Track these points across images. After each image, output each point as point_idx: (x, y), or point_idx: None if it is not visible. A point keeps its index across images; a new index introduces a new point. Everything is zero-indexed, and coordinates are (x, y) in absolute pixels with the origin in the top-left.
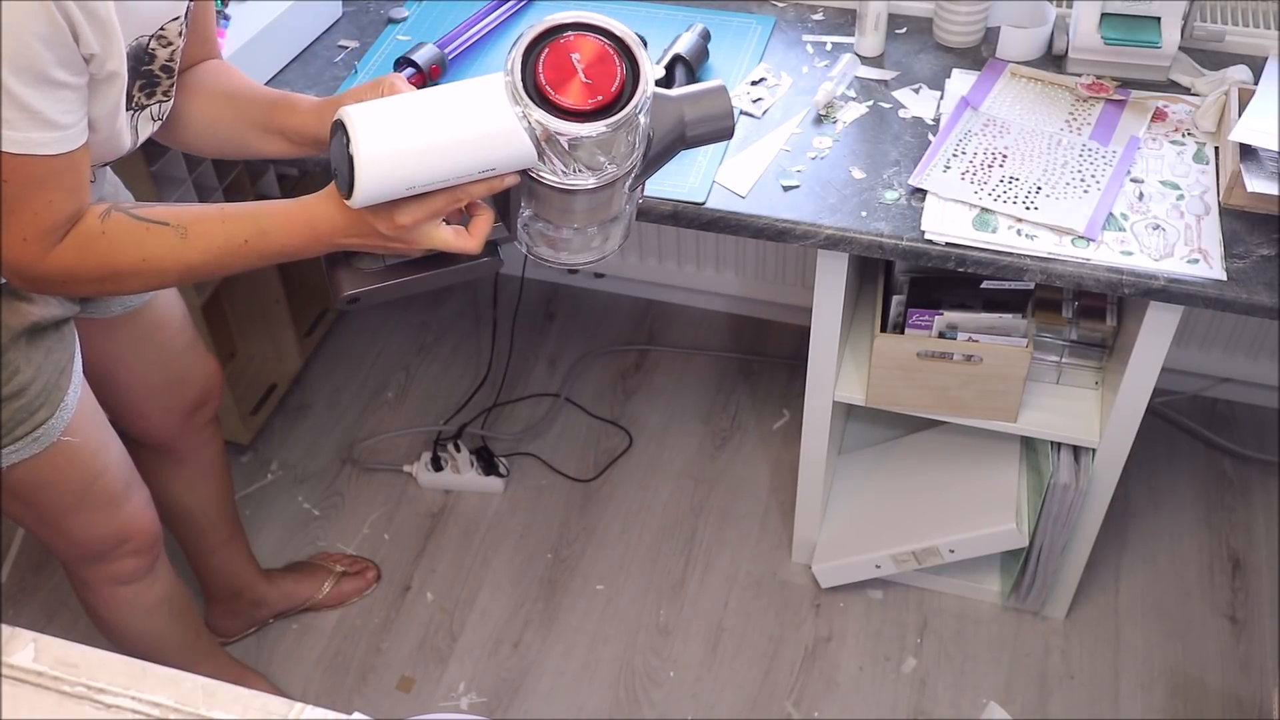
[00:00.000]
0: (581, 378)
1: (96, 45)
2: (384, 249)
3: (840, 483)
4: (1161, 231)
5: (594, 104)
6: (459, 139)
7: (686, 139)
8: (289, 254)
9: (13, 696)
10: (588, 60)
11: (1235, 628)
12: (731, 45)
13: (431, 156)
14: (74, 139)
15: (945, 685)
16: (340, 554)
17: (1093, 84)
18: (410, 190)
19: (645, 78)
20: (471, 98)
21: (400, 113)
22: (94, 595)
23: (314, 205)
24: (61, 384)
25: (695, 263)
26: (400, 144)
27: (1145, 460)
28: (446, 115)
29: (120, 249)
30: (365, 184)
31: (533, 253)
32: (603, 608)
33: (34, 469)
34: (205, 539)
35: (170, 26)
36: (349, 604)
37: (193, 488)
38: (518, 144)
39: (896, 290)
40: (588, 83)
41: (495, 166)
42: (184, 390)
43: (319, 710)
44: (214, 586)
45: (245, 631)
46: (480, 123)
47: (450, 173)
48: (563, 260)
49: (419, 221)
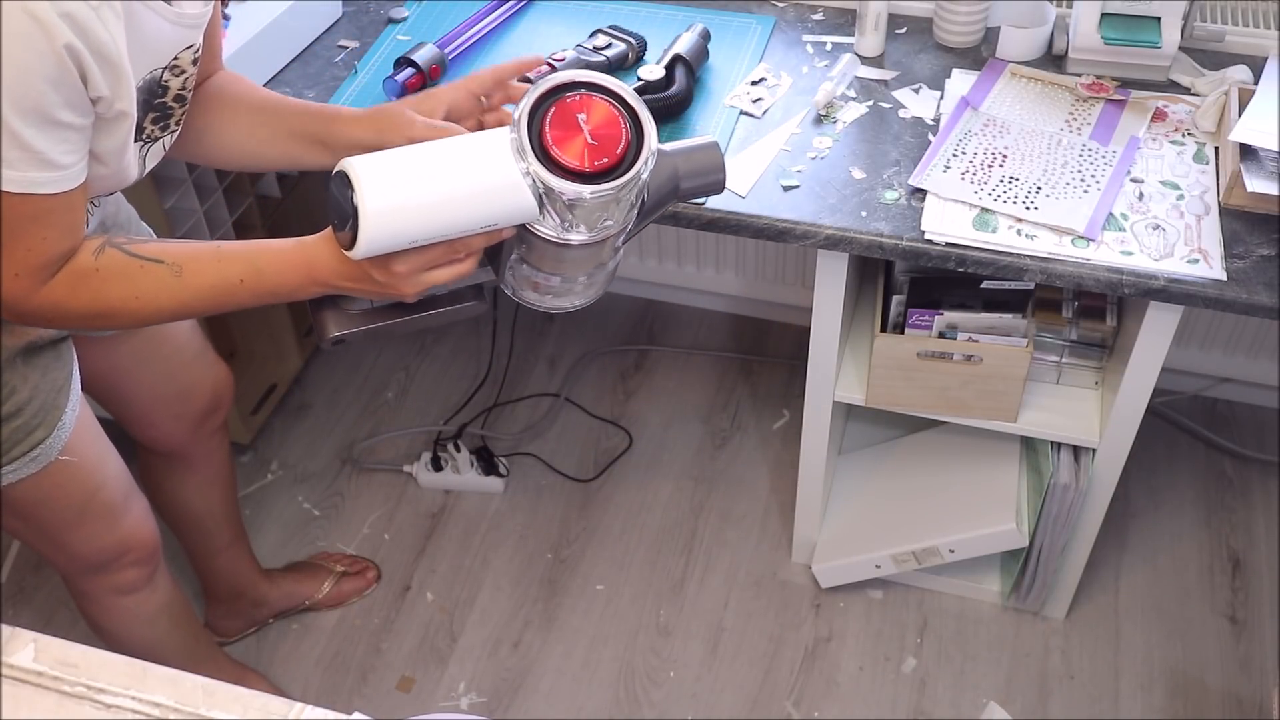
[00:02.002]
0: (581, 378)
1: (106, 88)
2: (377, 295)
3: (840, 483)
4: (1161, 231)
5: (599, 165)
6: (464, 194)
7: (680, 192)
8: (283, 294)
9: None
10: (594, 122)
11: (1235, 628)
12: (731, 45)
13: (436, 212)
14: (73, 179)
15: (945, 685)
16: (340, 554)
17: (1093, 84)
18: (412, 243)
19: (649, 141)
20: (477, 153)
21: (406, 166)
22: (95, 606)
23: (312, 247)
24: (59, 403)
25: (695, 263)
26: (405, 198)
27: (1145, 460)
28: (452, 170)
29: (113, 286)
30: (369, 238)
31: (517, 296)
32: (603, 608)
33: (32, 487)
34: (211, 541)
35: (184, 56)
36: (348, 604)
37: (202, 492)
38: (521, 200)
39: (896, 290)
40: (593, 144)
41: (497, 221)
42: (193, 399)
43: (319, 710)
44: (216, 587)
45: (245, 631)
46: (485, 179)
47: (453, 227)
48: (547, 305)
49: (414, 270)
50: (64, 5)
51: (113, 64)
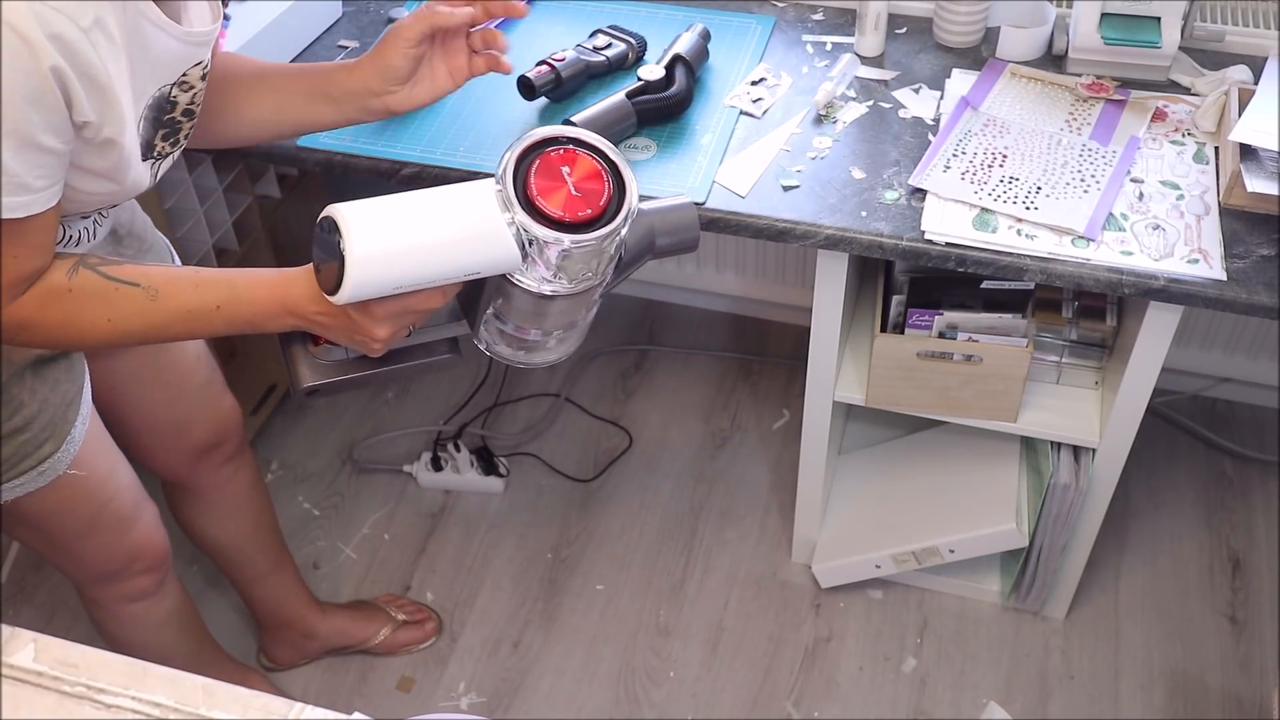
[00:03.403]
0: (581, 378)
1: (92, 113)
2: (348, 333)
3: (840, 483)
4: (1161, 231)
5: (582, 217)
6: (449, 242)
7: (655, 249)
8: (258, 322)
9: (13, 696)
10: (578, 174)
11: (1235, 628)
12: (731, 45)
13: (421, 259)
14: (45, 201)
15: (945, 685)
16: (406, 600)
17: (1093, 84)
18: (397, 290)
19: (631, 193)
20: (462, 202)
21: (392, 214)
22: (105, 613)
23: (291, 278)
24: (69, 416)
25: (695, 263)
26: (391, 245)
27: (1145, 460)
28: (437, 219)
29: (85, 307)
30: (355, 283)
31: (491, 351)
32: (603, 608)
33: (43, 499)
34: (242, 571)
35: (192, 73)
36: (403, 654)
37: (220, 524)
38: (505, 249)
39: (896, 290)
40: (577, 195)
41: (480, 270)
42: (191, 431)
43: (319, 710)
44: (261, 615)
45: (297, 663)
46: (471, 227)
47: (437, 275)
48: (520, 360)
49: (391, 313)
50: (54, 27)
51: (101, 89)
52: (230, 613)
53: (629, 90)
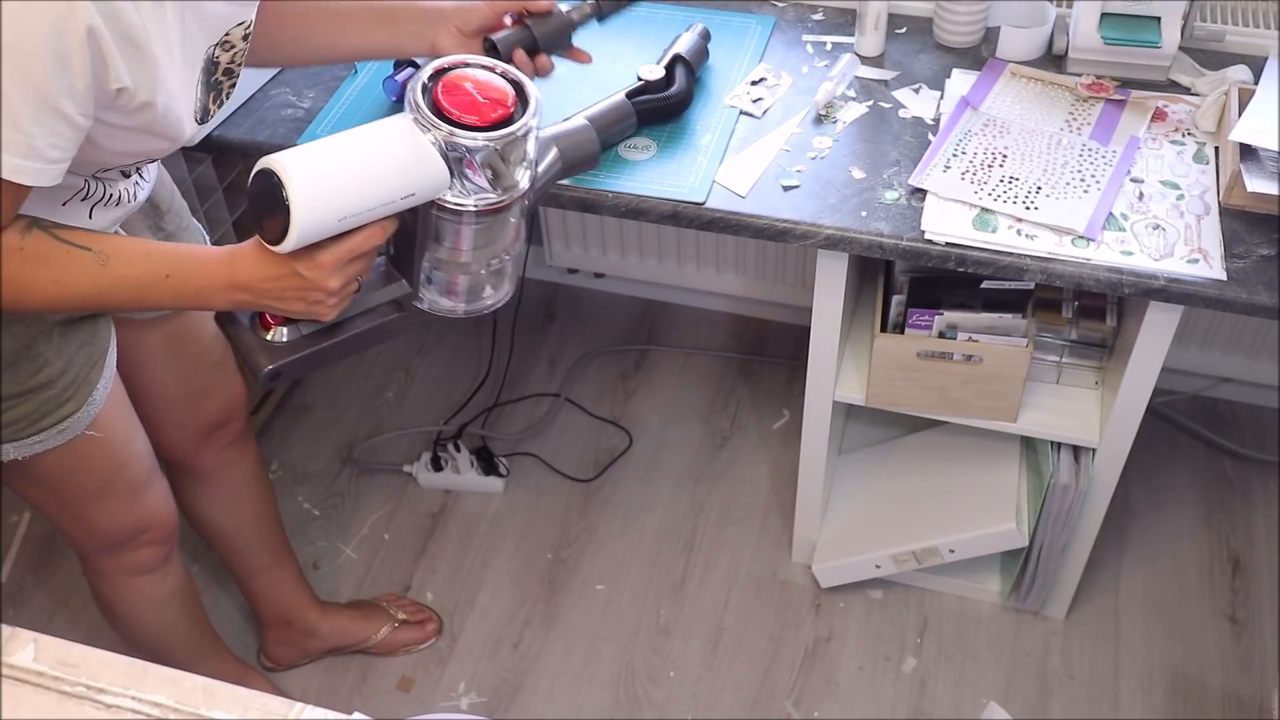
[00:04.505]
0: (581, 378)
1: (128, 77)
2: (299, 298)
3: (840, 483)
4: (1161, 231)
5: (496, 117)
6: (382, 169)
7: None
8: (205, 295)
9: (13, 696)
10: (480, 87)
11: (1235, 628)
12: (731, 45)
13: (359, 189)
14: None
15: (945, 685)
16: (406, 600)
17: (1093, 84)
18: (341, 221)
19: (531, 91)
20: (386, 133)
21: (324, 152)
22: (107, 585)
23: (238, 250)
24: (92, 378)
25: (695, 263)
26: (329, 177)
27: (1145, 460)
28: (367, 151)
29: (35, 267)
30: (301, 222)
31: (434, 308)
32: (603, 608)
33: (59, 459)
34: (245, 562)
35: (235, 32)
36: (403, 653)
37: (224, 509)
38: (434, 167)
39: (896, 290)
40: (485, 102)
41: (415, 191)
42: (202, 408)
43: (319, 710)
44: (261, 611)
45: (297, 663)
46: (399, 153)
47: (376, 203)
48: (461, 310)
49: (339, 260)
50: None
51: (139, 49)
52: (232, 612)
53: (629, 90)
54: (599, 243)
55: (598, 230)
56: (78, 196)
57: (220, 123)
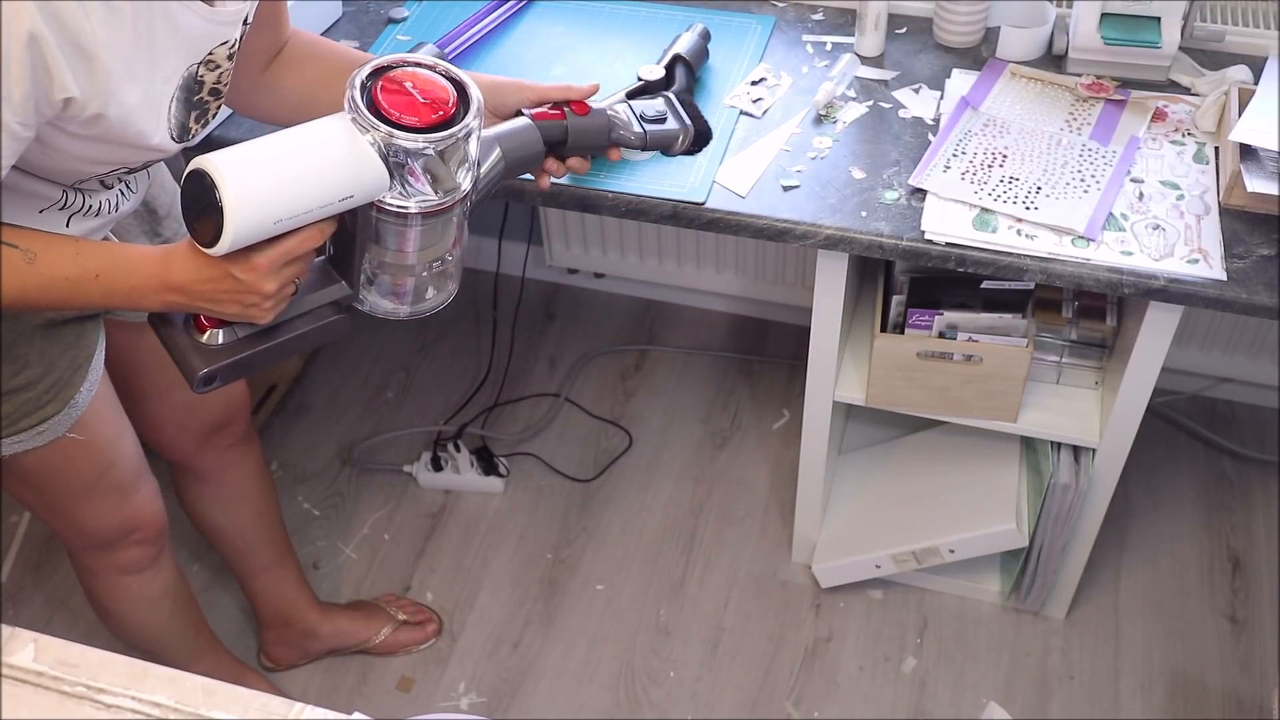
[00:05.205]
0: (581, 378)
1: (75, 87)
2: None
3: (840, 483)
4: (1161, 231)
5: (436, 119)
6: (318, 169)
7: (507, 163)
8: (136, 296)
9: (13, 696)
10: (420, 86)
11: (1235, 628)
12: (731, 45)
13: (295, 190)
14: None
15: (945, 685)
16: (406, 600)
17: (1093, 84)
18: (276, 224)
19: (473, 91)
20: (323, 133)
21: (259, 153)
22: (99, 584)
23: (171, 250)
24: (75, 381)
25: (695, 263)
26: (264, 179)
27: (1145, 460)
28: (303, 152)
29: None
30: (235, 225)
31: (376, 311)
32: (603, 608)
33: (42, 458)
34: (245, 561)
35: (219, 51)
36: (403, 654)
37: (225, 509)
38: (372, 169)
39: (896, 290)
40: (425, 103)
41: (354, 194)
42: (202, 410)
43: (319, 710)
44: (262, 611)
45: (297, 663)
46: (336, 153)
47: (312, 205)
48: (404, 312)
49: (274, 262)
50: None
51: (88, 57)
52: (232, 611)
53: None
54: (599, 243)
55: (598, 230)
56: (54, 206)
57: (220, 123)
